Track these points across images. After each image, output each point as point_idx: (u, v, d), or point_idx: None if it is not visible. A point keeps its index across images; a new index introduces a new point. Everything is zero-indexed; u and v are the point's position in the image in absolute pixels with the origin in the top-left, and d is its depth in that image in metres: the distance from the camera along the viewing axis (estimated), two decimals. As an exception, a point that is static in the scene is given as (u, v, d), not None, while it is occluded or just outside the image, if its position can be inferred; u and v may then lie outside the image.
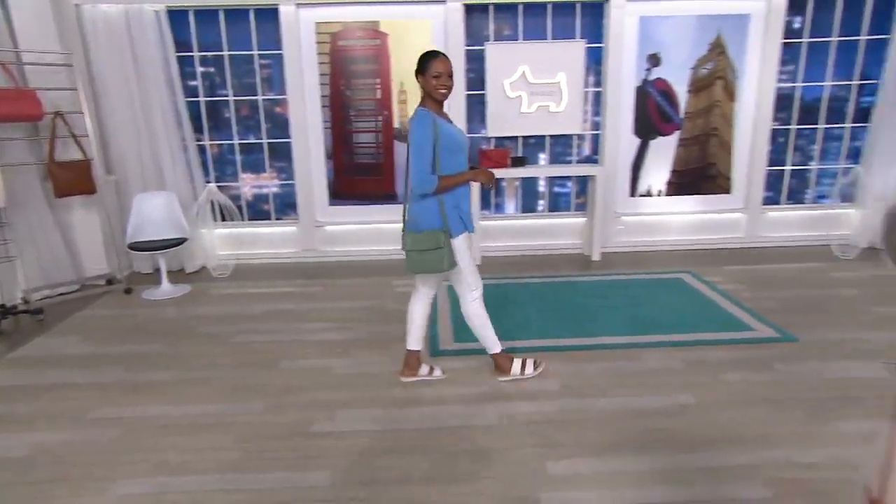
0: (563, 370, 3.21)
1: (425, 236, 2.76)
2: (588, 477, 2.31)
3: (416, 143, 2.66)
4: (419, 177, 2.67)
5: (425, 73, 2.72)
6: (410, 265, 2.86)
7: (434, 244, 2.75)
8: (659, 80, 5.24)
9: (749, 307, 4.06)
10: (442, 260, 2.77)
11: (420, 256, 2.79)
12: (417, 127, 2.68)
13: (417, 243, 2.78)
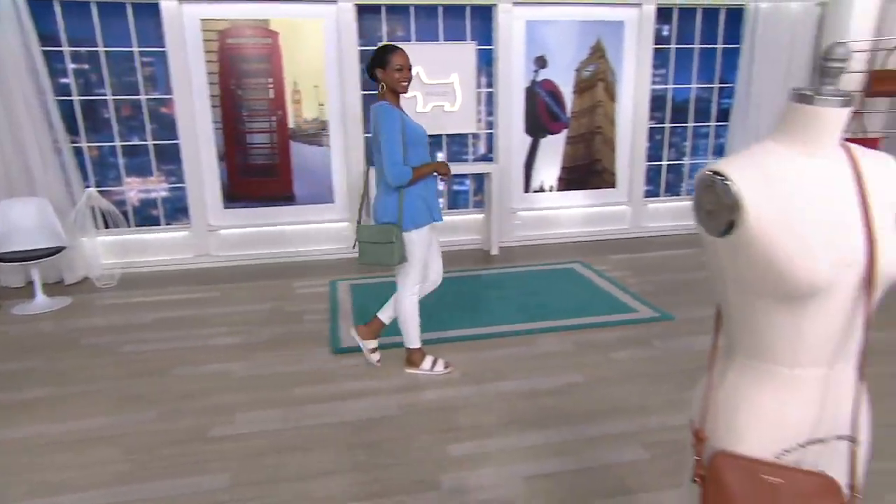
0: (464, 359, 3.32)
1: (380, 229, 2.82)
2: (486, 456, 2.42)
3: (388, 138, 2.68)
4: (396, 169, 2.69)
5: (386, 67, 2.72)
6: (362, 257, 2.91)
7: (386, 238, 2.79)
8: (546, 81, 5.53)
9: (633, 291, 4.39)
10: (392, 254, 2.81)
11: (375, 249, 2.83)
12: (385, 121, 2.68)
13: (372, 235, 2.83)
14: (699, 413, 1.07)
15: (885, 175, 0.97)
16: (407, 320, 3.08)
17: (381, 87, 2.78)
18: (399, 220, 2.81)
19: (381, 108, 2.73)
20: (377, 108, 2.75)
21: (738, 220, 0.91)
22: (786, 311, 0.92)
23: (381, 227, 2.82)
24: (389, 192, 2.83)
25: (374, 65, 2.77)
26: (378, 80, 2.78)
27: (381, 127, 2.70)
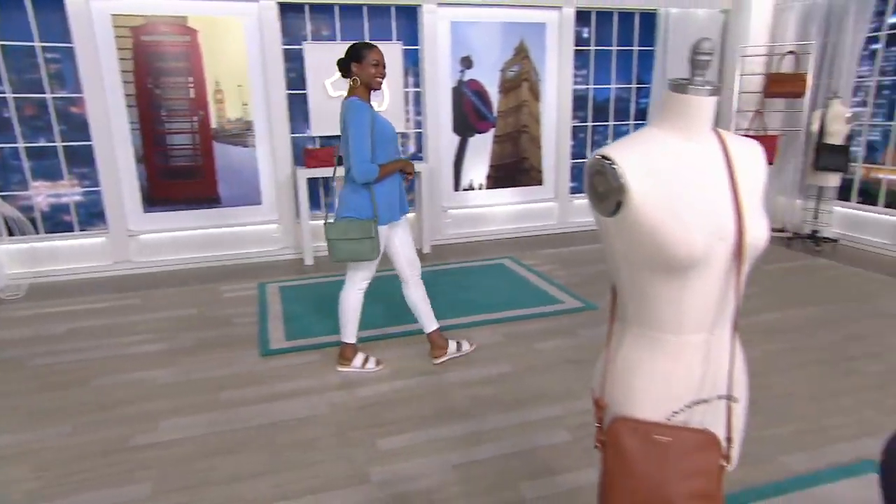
0: (396, 354, 3.35)
1: (356, 225, 2.80)
2: (417, 447, 2.46)
3: (357, 134, 2.66)
4: (363, 166, 2.69)
5: (362, 62, 2.72)
6: (338, 254, 2.86)
7: (365, 233, 2.80)
8: (472, 81, 5.63)
9: (560, 283, 4.55)
10: (373, 249, 2.82)
11: (351, 245, 2.82)
12: (355, 117, 2.67)
13: (346, 232, 2.81)
14: (599, 383, 1.15)
15: (751, 158, 1.08)
16: (348, 312, 3.08)
17: (354, 82, 2.77)
18: (375, 215, 2.82)
19: (353, 103, 2.71)
20: (349, 104, 2.72)
21: (624, 200, 0.98)
22: (669, 282, 1.01)
23: (358, 222, 2.81)
24: (360, 188, 2.82)
25: (350, 59, 2.76)
26: (352, 74, 2.77)
27: (350, 122, 2.68)
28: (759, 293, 4.28)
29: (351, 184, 2.85)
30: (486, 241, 5.93)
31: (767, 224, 1.04)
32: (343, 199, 2.90)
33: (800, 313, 3.88)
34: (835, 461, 2.31)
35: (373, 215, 2.83)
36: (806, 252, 5.35)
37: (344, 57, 2.79)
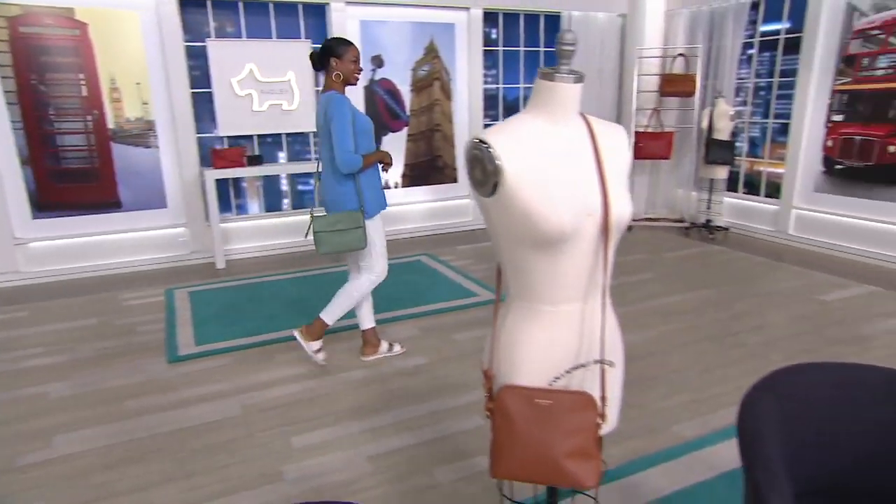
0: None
1: (344, 216, 2.82)
2: (331, 443, 2.46)
3: (341, 127, 2.70)
4: (347, 157, 2.72)
5: (342, 58, 2.77)
6: (324, 246, 2.84)
7: (354, 224, 2.82)
8: (384, 80, 5.65)
9: (475, 277, 4.66)
10: (360, 239, 2.85)
11: (338, 237, 2.82)
12: (338, 111, 2.70)
13: (334, 224, 2.82)
14: (487, 356, 1.22)
15: (616, 142, 1.18)
16: (349, 303, 3.06)
17: (334, 76, 2.80)
18: (361, 207, 2.86)
19: (335, 98, 2.74)
20: (330, 98, 2.75)
21: (500, 181, 1.05)
22: (544, 256, 1.09)
23: (345, 214, 2.82)
24: (343, 180, 2.85)
25: (329, 54, 2.78)
26: (332, 69, 2.79)
27: (334, 116, 2.71)
28: (658, 278, 4.58)
29: (335, 176, 2.86)
30: (403, 239, 5.97)
31: (630, 201, 1.15)
32: (325, 192, 2.93)
33: (694, 296, 4.18)
34: (719, 426, 2.52)
35: (359, 206, 2.87)
36: (701, 240, 5.77)
37: (320, 52, 2.82)
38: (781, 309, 3.88)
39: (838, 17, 4.90)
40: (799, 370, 1.49)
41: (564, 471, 1.08)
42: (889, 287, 4.26)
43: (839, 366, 1.48)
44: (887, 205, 4.72)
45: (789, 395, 1.41)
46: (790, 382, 1.43)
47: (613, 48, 6.51)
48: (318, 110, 2.88)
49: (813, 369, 1.47)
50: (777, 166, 5.65)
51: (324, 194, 2.95)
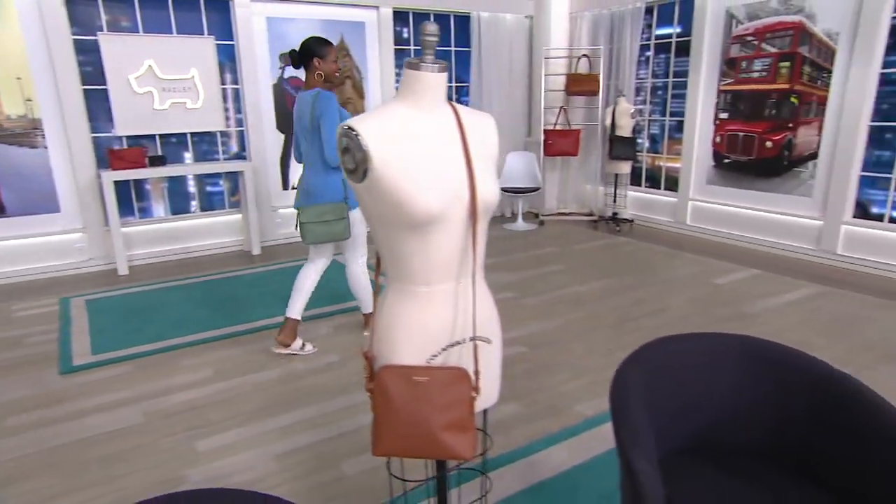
0: (220, 356, 3.23)
1: (330, 208, 2.95)
2: (238, 444, 2.41)
3: (331, 122, 2.82)
4: (334, 153, 2.84)
5: (325, 58, 2.92)
6: (311, 237, 2.97)
7: (339, 215, 2.96)
8: (294, 78, 5.57)
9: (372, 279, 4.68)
10: (345, 229, 3.00)
11: (324, 227, 2.96)
12: (328, 107, 2.82)
13: (321, 215, 2.94)
14: (369, 339, 1.25)
15: (484, 129, 1.25)
16: (362, 288, 3.28)
17: (317, 76, 2.93)
18: (345, 198, 2.99)
19: (324, 94, 2.86)
20: (320, 95, 2.86)
21: (369, 166, 1.09)
22: (415, 238, 1.14)
23: (331, 205, 2.96)
24: (329, 172, 2.97)
25: (310, 54, 2.91)
26: (313, 68, 2.92)
27: (324, 113, 2.82)
28: (567, 270, 4.78)
29: (319, 170, 2.97)
30: (320, 240, 5.90)
31: (496, 186, 1.22)
32: (311, 185, 3.00)
33: (599, 285, 4.40)
34: (616, 402, 2.68)
35: (343, 198, 3.00)
36: (609, 232, 6.07)
37: (300, 52, 2.94)
38: (677, 294, 4.16)
39: (720, 23, 5.30)
40: (661, 343, 1.62)
41: (442, 443, 1.13)
42: (770, 269, 4.66)
43: (696, 336, 1.63)
44: (767, 195, 5.16)
45: (655, 366, 1.54)
46: (654, 355, 1.55)
47: (522, 49, 6.72)
48: (299, 106, 2.98)
49: (673, 341, 1.61)
50: (675, 161, 6.03)
51: (307, 186, 3.03)
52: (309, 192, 3.01)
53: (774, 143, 5.04)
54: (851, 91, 4.44)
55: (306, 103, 2.91)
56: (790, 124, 4.90)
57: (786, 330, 3.49)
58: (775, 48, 4.91)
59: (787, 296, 4.07)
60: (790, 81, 4.85)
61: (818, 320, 3.62)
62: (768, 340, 1.61)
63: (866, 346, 3.24)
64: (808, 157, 4.82)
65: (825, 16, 4.56)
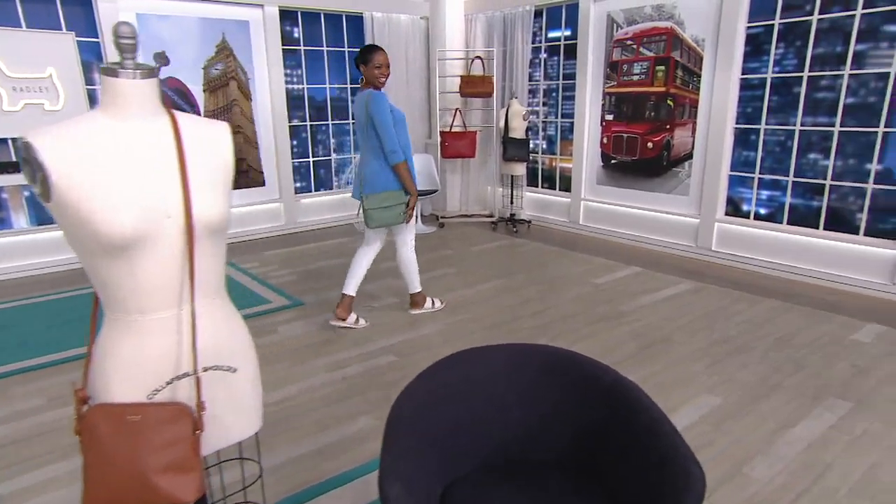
0: (59, 382, 2.95)
1: (389, 195, 3.32)
2: (50, 482, 2.19)
3: (385, 121, 3.18)
4: (392, 148, 3.22)
5: (368, 64, 3.24)
6: (374, 222, 3.33)
7: (398, 201, 3.34)
8: (171, 78, 5.26)
9: (272, 284, 4.49)
10: (401, 215, 3.37)
11: (386, 212, 3.32)
12: (381, 107, 3.19)
13: (382, 201, 3.30)
14: (83, 375, 1.11)
15: (214, 140, 1.14)
16: (411, 268, 3.69)
17: (363, 80, 3.35)
18: (403, 187, 3.34)
19: (375, 94, 3.22)
20: (371, 95, 3.22)
21: (49, 183, 0.95)
22: (120, 263, 1.01)
23: (389, 193, 3.32)
24: (386, 165, 3.31)
25: (358, 61, 3.29)
26: (362, 73, 3.31)
27: (375, 112, 3.19)
28: (460, 273, 4.74)
29: (379, 160, 3.31)
30: (206, 248, 5.61)
31: (221, 202, 1.10)
32: (371, 176, 3.34)
33: (487, 287, 4.38)
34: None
35: (400, 186, 3.35)
36: (507, 233, 6.10)
37: (357, 56, 3.32)
38: (561, 293, 4.20)
39: (602, 27, 5.43)
40: (455, 359, 1.56)
41: (156, 488, 1.01)
42: (652, 267, 4.80)
43: (494, 349, 1.58)
44: (650, 194, 5.33)
45: (445, 383, 1.47)
46: (446, 373, 1.49)
47: (419, 50, 6.66)
48: (356, 105, 3.38)
49: (467, 357, 1.55)
50: (569, 162, 6.14)
51: (367, 176, 3.36)
52: (369, 182, 3.35)
53: (655, 144, 5.21)
54: (717, 95, 4.64)
55: (361, 103, 3.31)
56: (668, 126, 5.08)
57: (654, 326, 3.57)
58: (652, 52, 5.07)
59: (663, 292, 4.19)
60: (666, 85, 5.02)
61: (686, 316, 3.73)
62: (565, 350, 1.59)
63: (722, 339, 3.36)
64: (685, 158, 5.01)
65: (692, 22, 4.75)
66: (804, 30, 4.23)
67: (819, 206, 4.33)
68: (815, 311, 3.78)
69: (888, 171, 4.05)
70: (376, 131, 3.23)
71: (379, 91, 3.26)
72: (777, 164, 4.54)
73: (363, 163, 3.41)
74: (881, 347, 3.23)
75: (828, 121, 4.22)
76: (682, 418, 2.56)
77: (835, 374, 2.93)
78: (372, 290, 4.33)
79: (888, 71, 3.88)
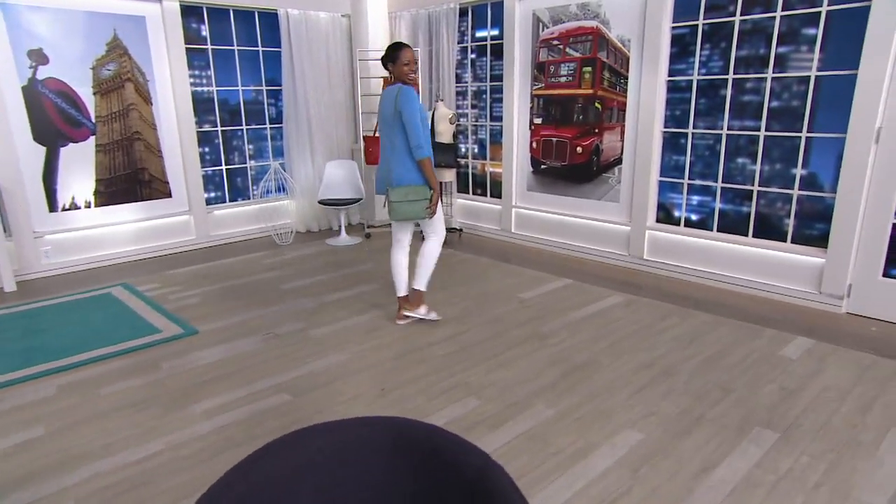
0: None
1: (413, 189, 3.34)
2: None
3: (413, 116, 3.23)
4: (419, 143, 3.25)
5: (395, 62, 3.29)
6: (397, 214, 3.35)
7: (422, 195, 3.35)
8: (51, 79, 4.70)
9: (168, 309, 4.03)
10: (424, 209, 3.36)
11: (409, 206, 3.34)
12: (411, 102, 3.23)
13: (406, 195, 3.33)
14: None
15: None
16: (429, 263, 3.61)
17: (390, 77, 3.39)
18: (427, 183, 3.36)
19: (406, 90, 3.26)
20: (403, 89, 3.26)
21: None
22: None
23: (414, 187, 3.34)
24: (410, 160, 3.34)
25: (386, 59, 3.34)
26: (389, 70, 3.35)
27: (405, 106, 3.23)
28: (379, 289, 4.39)
29: (402, 155, 3.35)
30: (102, 268, 5.08)
31: None
32: (398, 170, 3.37)
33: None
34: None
35: (424, 181, 3.37)
36: (436, 243, 5.78)
37: (384, 55, 3.36)
38: (484, 311, 3.90)
39: (528, 26, 5.19)
40: (294, 440, 1.22)
41: None
42: (580, 278, 4.57)
43: (342, 425, 1.25)
44: (581, 201, 5.12)
45: (276, 475, 1.13)
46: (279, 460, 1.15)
47: (342, 49, 6.28)
48: (383, 100, 3.39)
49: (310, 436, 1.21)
50: (499, 167, 5.87)
51: (393, 169, 3.38)
52: (394, 175, 3.38)
53: (584, 149, 4.99)
54: (645, 97, 4.45)
55: (390, 97, 3.33)
56: (596, 129, 4.87)
57: (578, 348, 3.32)
58: (578, 53, 4.85)
59: (591, 307, 3.96)
60: (593, 87, 4.81)
61: (613, 334, 3.50)
62: (424, 426, 1.27)
63: (648, 362, 3.13)
64: (615, 163, 4.81)
65: (617, 22, 4.55)
66: (728, 31, 4.08)
67: (748, 211, 4.19)
68: (744, 324, 3.61)
69: (812, 176, 3.94)
70: (403, 126, 3.29)
71: (410, 87, 3.31)
72: (707, 168, 4.38)
73: (390, 157, 3.42)
74: (809, 365, 3.07)
75: (754, 124, 4.08)
76: (598, 461, 2.29)
77: (761, 399, 2.73)
78: (276, 314, 3.93)
79: (808, 75, 3.75)
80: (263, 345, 3.45)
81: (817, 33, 3.68)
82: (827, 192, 3.81)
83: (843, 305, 3.76)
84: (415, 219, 3.44)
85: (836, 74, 3.64)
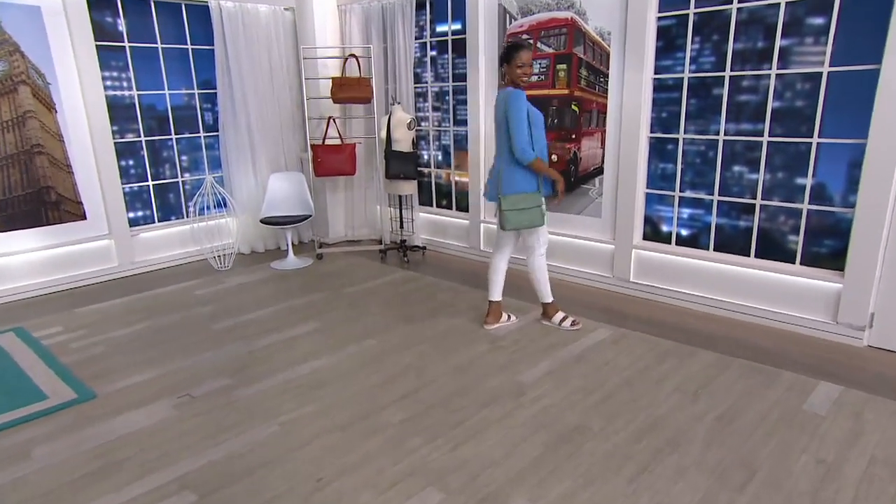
0: None
1: (524, 197, 3.24)
2: None
3: (518, 119, 3.11)
4: (522, 146, 3.13)
5: (511, 63, 3.15)
6: (510, 224, 3.22)
7: (534, 203, 3.25)
8: (-77, 84, 3.91)
9: (66, 363, 3.30)
10: (539, 216, 3.26)
11: (521, 215, 3.22)
12: (516, 104, 3.11)
13: (517, 203, 3.22)
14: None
15: None
16: (541, 277, 3.48)
17: (505, 78, 3.24)
18: (539, 188, 3.26)
19: (513, 93, 3.13)
20: (509, 93, 3.15)
21: None
22: None
23: (525, 195, 3.22)
24: (520, 166, 3.21)
25: (502, 59, 3.22)
26: (503, 72, 3.23)
27: (511, 109, 3.11)
28: (323, 329, 3.72)
29: (511, 161, 3.21)
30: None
31: None
32: (508, 177, 3.24)
33: (355, 351, 3.40)
34: None
35: (536, 188, 3.25)
36: (397, 265, 5.14)
37: (501, 53, 3.26)
38: (448, 357, 3.28)
39: (494, 18, 4.58)
40: None
41: None
42: (560, 304, 3.97)
43: None
44: (556, 215, 4.52)
45: None
46: None
47: (287, 47, 5.57)
48: (496, 104, 3.26)
49: None
50: (465, 176, 5.25)
51: (503, 176, 3.25)
52: (504, 182, 3.25)
53: (560, 157, 4.41)
54: (628, 98, 3.88)
55: (500, 101, 3.21)
56: (573, 135, 4.28)
57: (564, 406, 2.72)
58: (551, 48, 4.26)
59: (575, 346, 3.37)
60: (569, 86, 4.22)
61: (604, 386, 2.91)
62: None
63: (649, 425, 2.54)
64: (595, 173, 4.24)
65: (595, 12, 3.97)
66: (723, 21, 3.53)
67: (748, 226, 3.66)
68: (754, 365, 3.06)
69: (821, 187, 3.43)
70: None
71: (519, 90, 3.16)
72: (699, 177, 3.84)
73: (500, 163, 3.30)
74: (843, 424, 2.52)
75: (753, 128, 3.55)
76: None
77: (797, 480, 2.17)
78: (199, 365, 3.23)
79: (819, 71, 3.22)
80: (175, 412, 2.76)
81: (829, 23, 3.15)
82: (838, 205, 3.30)
83: (865, 338, 3.25)
84: (529, 227, 3.29)
85: (852, 70, 3.12)
